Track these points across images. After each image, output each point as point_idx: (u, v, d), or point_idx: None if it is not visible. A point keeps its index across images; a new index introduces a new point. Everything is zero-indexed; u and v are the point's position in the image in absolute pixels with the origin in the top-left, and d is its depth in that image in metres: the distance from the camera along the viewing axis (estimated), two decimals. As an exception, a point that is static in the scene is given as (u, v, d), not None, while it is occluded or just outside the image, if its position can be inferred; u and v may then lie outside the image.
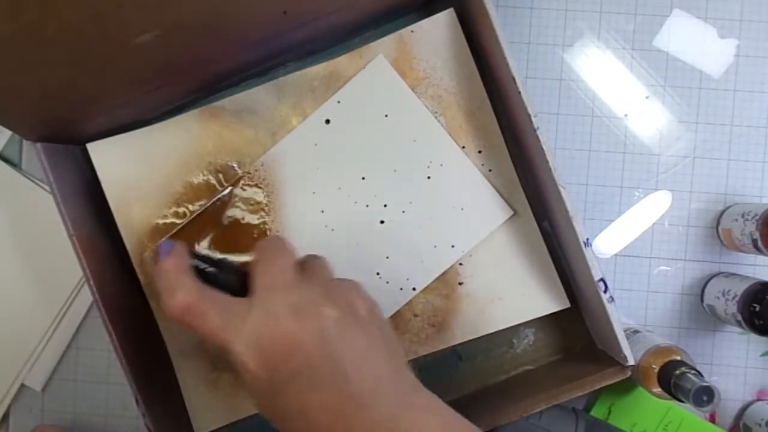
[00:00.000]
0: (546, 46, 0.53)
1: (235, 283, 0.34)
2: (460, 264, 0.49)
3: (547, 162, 0.42)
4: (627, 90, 0.53)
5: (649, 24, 0.53)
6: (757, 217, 0.47)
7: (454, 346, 0.49)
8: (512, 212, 0.49)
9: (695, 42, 0.52)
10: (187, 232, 0.48)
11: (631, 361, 0.43)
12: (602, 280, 0.42)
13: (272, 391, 0.30)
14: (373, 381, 0.30)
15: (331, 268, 0.35)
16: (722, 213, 0.52)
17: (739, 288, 0.48)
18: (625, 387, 0.53)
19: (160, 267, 0.32)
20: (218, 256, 0.35)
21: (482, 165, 0.49)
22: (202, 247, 0.48)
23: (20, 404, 0.54)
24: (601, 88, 0.53)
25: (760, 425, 0.50)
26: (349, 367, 0.30)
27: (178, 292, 0.31)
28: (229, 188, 0.48)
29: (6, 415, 0.54)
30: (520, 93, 0.42)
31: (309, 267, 0.34)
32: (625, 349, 0.43)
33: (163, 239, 0.33)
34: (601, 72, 0.53)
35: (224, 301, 0.31)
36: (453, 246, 0.49)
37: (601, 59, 0.53)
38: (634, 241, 0.53)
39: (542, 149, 0.42)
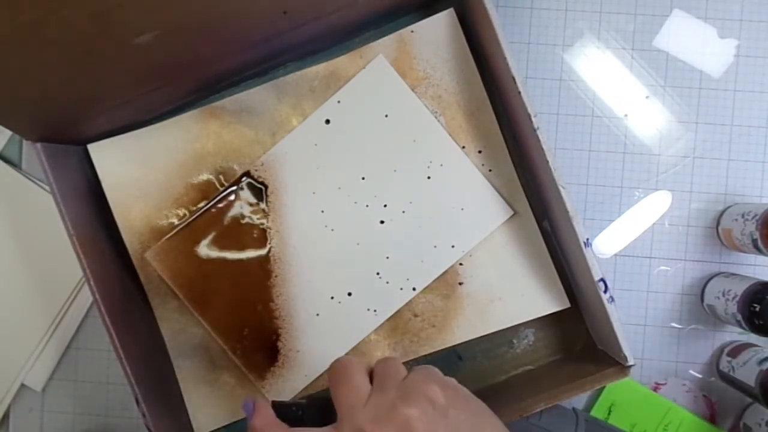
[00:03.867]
0: (546, 46, 0.53)
1: (322, 415, 0.35)
2: (460, 264, 0.49)
3: (547, 162, 0.42)
4: (627, 90, 0.53)
5: (649, 24, 0.53)
6: (757, 217, 0.47)
7: (454, 346, 0.50)
8: (512, 212, 0.49)
9: (695, 42, 0.52)
10: (187, 232, 0.48)
11: (631, 362, 0.43)
12: (602, 280, 0.42)
13: None
14: None
15: (401, 366, 0.36)
16: (722, 213, 0.52)
17: (739, 288, 0.48)
18: (625, 387, 0.53)
19: (251, 426, 0.34)
20: (302, 401, 0.38)
21: (482, 165, 0.49)
22: (203, 246, 0.48)
23: (20, 404, 0.54)
24: (601, 88, 0.53)
25: (760, 425, 0.50)
26: None
27: None
28: (229, 188, 0.48)
29: (6, 415, 0.54)
30: (520, 93, 0.42)
31: (380, 373, 0.35)
32: (625, 349, 0.43)
33: (244, 400, 0.36)
34: (601, 72, 0.53)
35: None
36: (453, 246, 0.49)
37: (601, 59, 0.53)
38: (634, 241, 0.53)
39: (542, 149, 0.42)
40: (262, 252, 0.48)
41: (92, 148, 0.48)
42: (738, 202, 0.52)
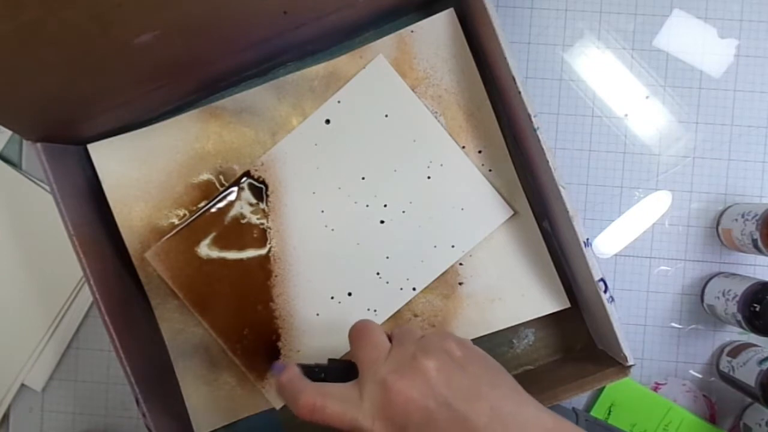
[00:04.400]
0: (546, 46, 0.53)
1: (343, 377, 0.37)
2: (460, 264, 0.49)
3: (547, 162, 0.42)
4: (627, 90, 0.53)
5: (649, 24, 0.52)
6: (757, 217, 0.47)
7: (454, 346, 0.49)
8: (512, 212, 0.49)
9: (695, 42, 0.52)
10: (187, 232, 0.48)
11: (631, 361, 0.43)
12: (602, 280, 0.42)
13: None
14: (489, 412, 0.32)
15: (418, 329, 0.38)
16: (722, 213, 0.52)
17: (739, 288, 0.48)
18: (625, 387, 0.53)
19: (279, 383, 0.36)
20: (323, 362, 0.39)
21: (482, 165, 0.49)
22: (203, 246, 0.48)
23: (20, 404, 0.54)
24: (601, 88, 0.53)
25: (760, 425, 0.50)
26: (463, 408, 0.32)
27: (299, 397, 0.34)
28: (230, 188, 0.48)
29: (6, 415, 0.54)
30: (520, 93, 0.42)
31: (398, 333, 0.37)
32: (625, 349, 0.43)
33: (275, 363, 0.38)
34: (601, 72, 0.53)
35: (338, 389, 0.35)
36: (453, 246, 0.49)
37: (601, 59, 0.53)
38: (634, 241, 0.53)
39: (542, 149, 0.42)
40: (262, 252, 0.48)
41: (92, 147, 0.48)
42: (738, 202, 0.52)
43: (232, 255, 0.48)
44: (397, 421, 0.32)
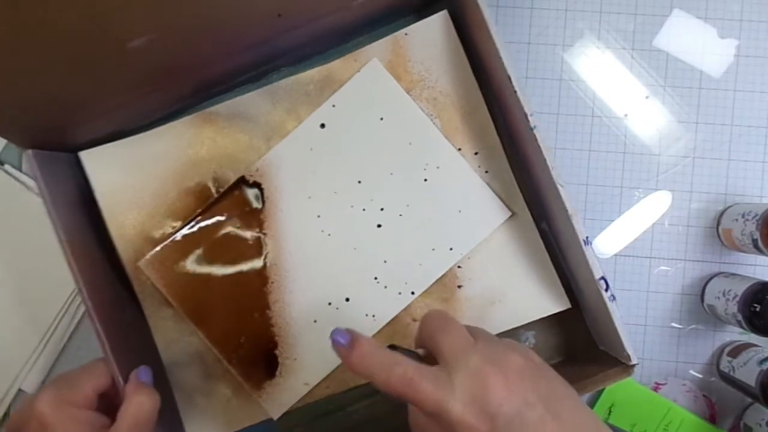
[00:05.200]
0: (546, 46, 0.53)
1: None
2: (459, 267, 0.49)
3: (545, 161, 0.42)
4: (627, 90, 0.53)
5: (649, 24, 0.52)
6: (757, 217, 0.47)
7: (454, 350, 0.49)
8: (510, 213, 0.48)
9: (695, 42, 0.52)
10: (182, 240, 0.47)
11: (634, 360, 0.43)
12: (603, 278, 0.42)
13: None
14: (570, 422, 0.33)
15: None
16: (722, 213, 0.52)
17: (740, 288, 0.48)
18: (626, 387, 0.53)
19: (360, 351, 0.34)
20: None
21: (479, 167, 0.49)
22: (198, 254, 0.47)
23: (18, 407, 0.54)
24: (601, 88, 0.53)
25: (760, 425, 0.50)
26: (549, 413, 0.32)
27: (396, 368, 0.33)
28: (224, 194, 0.48)
29: (6, 416, 0.53)
30: (515, 92, 0.42)
31: (476, 329, 0.37)
32: (628, 348, 0.42)
33: (335, 330, 0.35)
34: (601, 72, 0.53)
35: (430, 369, 0.34)
36: (451, 249, 0.48)
37: (601, 59, 0.53)
38: (634, 241, 0.53)
39: (539, 148, 0.42)
40: (258, 259, 0.48)
41: (84, 155, 0.47)
42: (738, 202, 0.52)
43: (227, 262, 0.48)
44: (488, 411, 0.32)
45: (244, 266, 0.48)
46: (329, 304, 0.48)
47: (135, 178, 0.48)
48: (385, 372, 0.33)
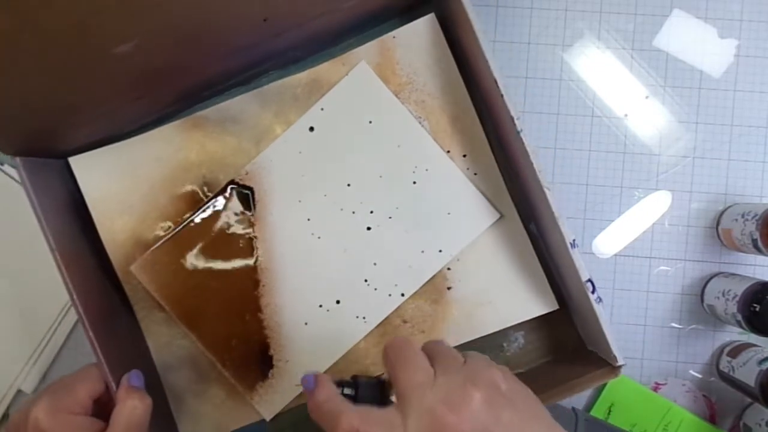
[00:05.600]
0: (546, 46, 0.53)
1: (374, 396, 0.36)
2: (448, 269, 0.49)
3: (532, 164, 0.42)
4: (627, 90, 0.53)
5: (649, 24, 0.52)
6: (757, 217, 0.47)
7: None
8: (498, 215, 0.49)
9: (695, 42, 0.52)
10: (173, 244, 0.47)
11: (620, 362, 0.43)
12: (590, 280, 0.42)
13: None
14: None
15: (456, 351, 0.36)
16: (722, 213, 0.52)
17: (739, 288, 0.48)
18: (625, 387, 0.53)
19: (315, 400, 0.35)
20: (348, 378, 0.38)
21: (467, 169, 0.49)
22: (189, 258, 0.48)
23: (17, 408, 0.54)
24: (601, 88, 0.53)
25: (760, 425, 0.50)
26: None
27: (341, 419, 0.33)
28: (215, 198, 0.48)
29: (6, 417, 0.53)
30: (502, 96, 0.42)
31: (438, 355, 0.35)
32: (615, 350, 0.43)
33: (305, 374, 0.36)
34: (601, 72, 0.53)
35: (381, 415, 0.33)
36: (440, 251, 0.48)
37: (601, 59, 0.53)
38: (634, 241, 0.53)
39: (526, 151, 0.42)
40: (249, 261, 0.48)
41: (74, 161, 0.47)
42: (738, 202, 0.52)
43: (218, 265, 0.48)
44: None
45: (236, 268, 0.48)
46: (320, 306, 0.48)
47: (125, 182, 0.48)
48: (331, 424, 0.33)
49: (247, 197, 0.48)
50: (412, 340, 0.36)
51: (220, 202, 0.48)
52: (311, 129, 0.48)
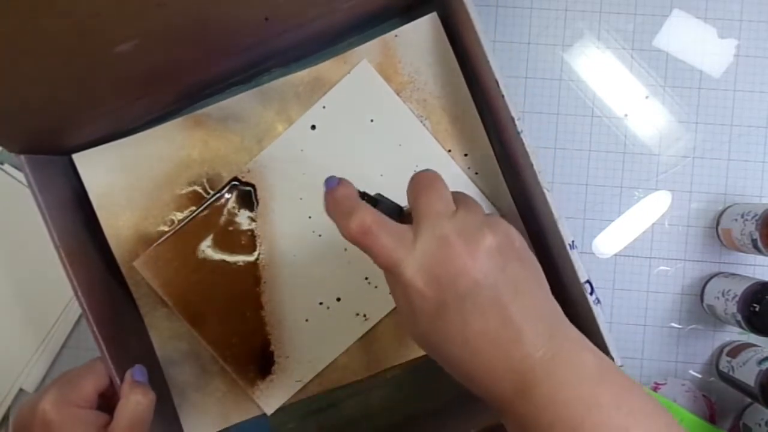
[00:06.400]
0: (546, 46, 0.53)
1: (392, 216, 0.34)
2: None
3: (532, 165, 0.42)
4: (627, 90, 0.53)
5: (649, 24, 0.52)
6: (756, 217, 0.47)
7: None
8: (498, 215, 0.49)
9: (695, 42, 0.52)
10: (175, 240, 0.48)
11: (618, 362, 0.43)
12: (588, 281, 0.42)
13: (437, 313, 0.31)
14: (530, 310, 0.31)
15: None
16: (722, 213, 0.52)
17: (739, 288, 0.48)
18: (625, 387, 0.53)
19: (333, 195, 0.34)
20: (375, 192, 0.36)
21: (468, 168, 0.49)
22: (191, 254, 0.48)
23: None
24: (601, 88, 0.53)
25: (759, 425, 0.50)
26: (507, 295, 0.31)
27: (355, 215, 0.32)
28: (217, 195, 0.48)
29: (6, 417, 0.54)
30: (503, 96, 0.42)
31: (464, 199, 0.35)
32: (612, 351, 0.43)
33: (329, 177, 0.35)
34: (601, 72, 0.53)
35: (395, 225, 0.33)
36: None
37: (601, 59, 0.53)
38: (634, 241, 0.53)
39: (526, 152, 0.42)
40: (251, 258, 0.48)
41: (78, 158, 0.47)
42: (738, 202, 0.52)
43: (220, 262, 0.48)
44: (441, 281, 0.30)
45: (238, 265, 0.48)
46: (321, 303, 0.48)
47: (128, 179, 0.48)
48: (346, 218, 0.32)
49: (249, 195, 0.48)
50: (440, 176, 0.35)
51: (222, 199, 0.48)
52: (313, 127, 0.48)
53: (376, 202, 0.35)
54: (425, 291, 0.31)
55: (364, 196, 0.35)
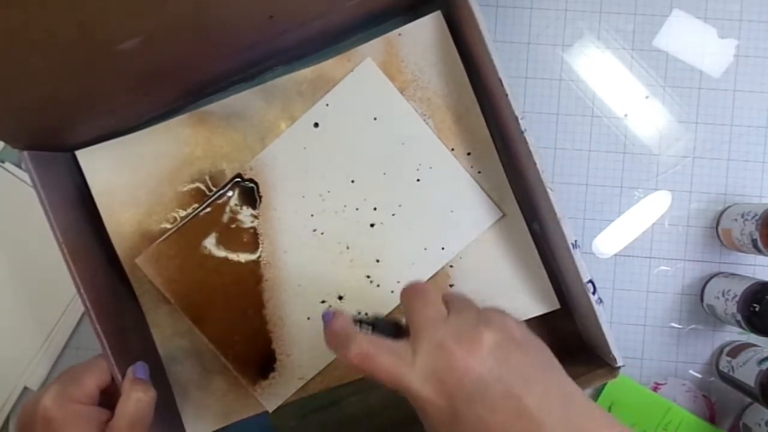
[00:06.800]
0: (546, 46, 0.53)
1: (390, 334, 0.36)
2: (451, 266, 0.49)
3: (535, 164, 0.42)
4: (627, 90, 0.53)
5: (649, 24, 0.52)
6: (756, 217, 0.47)
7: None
8: (501, 214, 0.49)
9: (695, 42, 0.52)
10: (178, 237, 0.48)
11: (620, 362, 0.43)
12: (591, 281, 0.42)
13: (453, 419, 0.31)
14: (542, 396, 0.31)
15: (474, 302, 0.37)
16: (722, 213, 0.52)
17: (739, 288, 0.48)
18: (625, 387, 0.53)
19: (330, 329, 0.36)
20: (370, 315, 0.39)
21: (471, 167, 0.49)
22: (193, 251, 0.48)
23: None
24: (601, 88, 0.53)
25: (759, 425, 0.50)
26: (517, 387, 0.31)
27: (352, 344, 0.34)
28: (219, 193, 0.48)
29: (7, 420, 0.54)
30: (507, 95, 0.42)
31: (456, 301, 0.36)
32: (614, 350, 0.43)
33: (324, 311, 0.37)
34: (601, 72, 0.53)
35: (391, 344, 0.34)
36: (443, 248, 0.49)
37: (601, 59, 0.53)
38: (634, 241, 0.53)
39: (530, 151, 0.42)
40: (253, 256, 0.48)
41: (81, 154, 0.48)
42: (738, 202, 0.52)
43: (222, 259, 0.48)
44: (448, 387, 0.31)
45: (240, 263, 0.48)
46: (322, 302, 0.49)
47: (131, 176, 0.48)
48: (345, 348, 0.34)
49: (251, 192, 0.48)
50: (429, 284, 0.36)
51: (224, 196, 0.48)
52: (316, 125, 0.48)
53: (373, 323, 0.37)
54: (435, 400, 0.31)
55: (359, 321, 0.37)
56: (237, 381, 0.49)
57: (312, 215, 0.49)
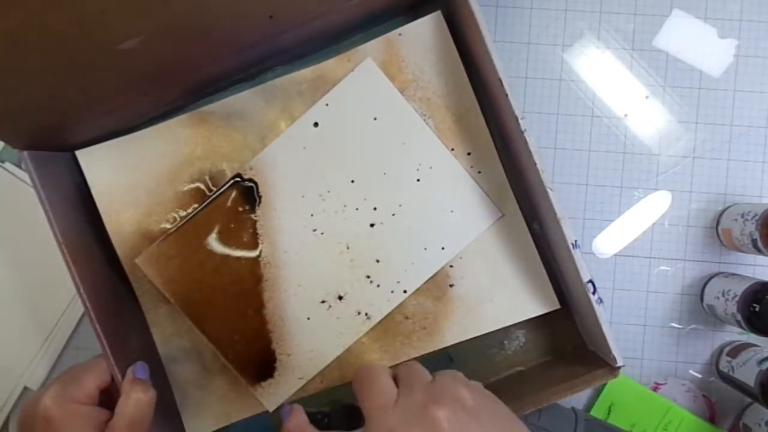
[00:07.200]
0: (546, 46, 0.53)
1: (347, 422, 0.37)
2: (451, 266, 0.49)
3: (535, 164, 0.42)
4: (627, 90, 0.53)
5: (649, 24, 0.52)
6: (756, 217, 0.47)
7: (445, 348, 0.49)
8: (501, 214, 0.49)
9: (695, 42, 0.52)
10: (177, 237, 0.48)
11: (620, 362, 0.43)
12: (591, 281, 0.42)
13: None
14: None
15: (425, 370, 0.36)
16: (722, 213, 0.52)
17: (739, 288, 0.48)
18: (625, 387, 0.53)
19: (286, 428, 0.38)
20: (326, 408, 0.40)
21: (471, 167, 0.49)
22: (193, 251, 0.48)
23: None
24: (601, 88, 0.53)
25: (759, 425, 0.50)
26: None
27: None
28: (219, 192, 0.48)
29: (7, 420, 0.54)
30: (507, 95, 0.42)
31: (405, 376, 0.36)
32: (614, 350, 0.43)
33: (282, 407, 0.38)
34: (601, 72, 0.53)
35: None
36: (443, 248, 0.49)
37: (601, 59, 0.53)
38: (634, 241, 0.53)
39: (530, 151, 0.42)
40: (253, 256, 0.48)
41: (81, 154, 0.48)
42: (738, 202, 0.52)
43: (222, 259, 0.48)
44: None
45: (240, 262, 0.48)
46: (322, 302, 0.49)
47: (131, 176, 0.48)
48: None
49: (251, 192, 0.48)
50: (379, 366, 0.36)
51: (224, 196, 0.48)
52: (316, 125, 0.48)
53: (329, 414, 0.38)
54: None
55: (319, 414, 0.38)
56: (237, 381, 0.49)
57: (312, 215, 0.49)
